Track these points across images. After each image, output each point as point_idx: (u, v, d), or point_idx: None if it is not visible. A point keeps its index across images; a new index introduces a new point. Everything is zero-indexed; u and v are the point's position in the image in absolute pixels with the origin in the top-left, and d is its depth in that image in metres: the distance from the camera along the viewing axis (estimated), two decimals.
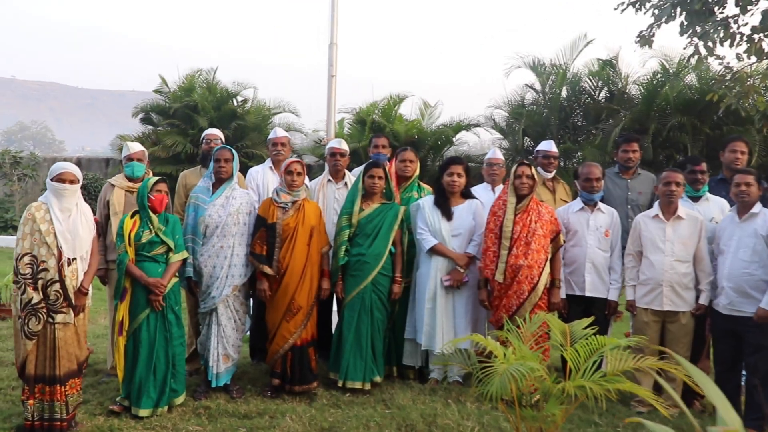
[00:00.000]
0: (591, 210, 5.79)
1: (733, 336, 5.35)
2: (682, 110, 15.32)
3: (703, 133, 15.26)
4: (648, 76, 16.07)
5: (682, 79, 15.79)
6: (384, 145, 6.75)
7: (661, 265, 5.48)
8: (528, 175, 5.58)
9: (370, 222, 5.72)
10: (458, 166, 5.81)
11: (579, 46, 16.37)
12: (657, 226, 5.56)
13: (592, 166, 5.80)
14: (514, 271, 5.50)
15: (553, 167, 6.65)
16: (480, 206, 5.90)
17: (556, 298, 5.66)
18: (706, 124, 15.11)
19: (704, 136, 15.30)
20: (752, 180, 5.30)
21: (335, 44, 8.82)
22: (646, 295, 5.56)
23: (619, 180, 6.41)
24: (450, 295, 5.76)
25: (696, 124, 15.07)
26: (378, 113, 16.98)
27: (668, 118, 15.38)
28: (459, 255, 5.75)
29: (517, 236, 5.54)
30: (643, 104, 15.70)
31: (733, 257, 5.32)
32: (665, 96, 15.64)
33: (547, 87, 16.62)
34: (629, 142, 6.44)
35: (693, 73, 15.77)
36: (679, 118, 15.22)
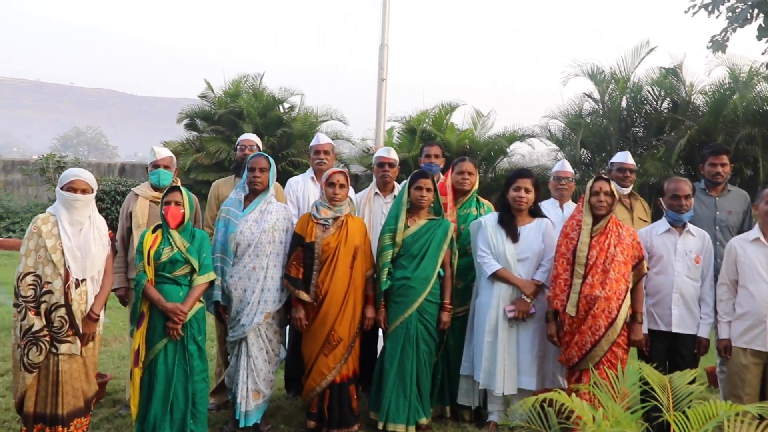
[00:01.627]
0: (679, 232, 4.99)
1: None
2: (752, 121, 14.38)
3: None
4: (714, 85, 15.15)
5: (753, 88, 14.84)
6: (437, 154, 6.06)
7: (764, 297, 4.67)
8: (607, 192, 4.82)
9: (416, 241, 5.03)
10: (526, 179, 5.07)
11: (641, 53, 15.49)
12: (758, 251, 4.75)
13: (681, 182, 5.01)
14: (589, 302, 4.73)
15: (630, 181, 5.86)
16: (550, 226, 5.15)
17: (638, 335, 4.88)
18: None
19: None
20: None
21: (386, 46, 8.19)
22: (745, 332, 4.75)
23: (706, 197, 5.61)
24: (513, 328, 5.02)
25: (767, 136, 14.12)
26: (429, 122, 16.33)
27: (737, 129, 14.46)
28: (525, 282, 5.00)
29: (593, 262, 4.77)
30: (710, 115, 14.79)
31: None
32: (734, 106, 14.73)
33: (607, 96, 15.78)
34: (717, 155, 5.65)
35: (765, 82, 14.83)
36: (749, 130, 14.29)
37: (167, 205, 4.55)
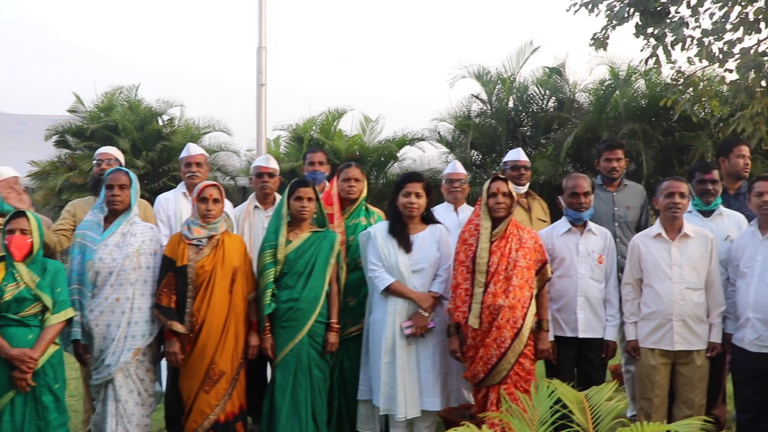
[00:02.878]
0: (580, 232, 4.73)
1: (763, 377, 4.37)
2: (634, 117, 14.67)
3: (656, 139, 14.64)
4: (597, 83, 15.40)
5: (632, 86, 15.16)
6: (321, 161, 5.63)
7: (669, 295, 4.46)
8: (505, 193, 4.49)
9: (300, 256, 4.55)
10: (416, 184, 4.66)
11: (525, 53, 15.57)
12: (661, 247, 4.54)
13: (579, 178, 4.75)
14: (493, 313, 4.38)
15: (526, 179, 5.58)
16: (445, 233, 4.78)
17: (545, 344, 4.57)
18: (657, 130, 14.49)
19: (657, 143, 14.69)
20: None
21: (264, 49, 7.69)
22: (652, 332, 4.53)
23: (604, 193, 5.40)
24: (412, 346, 4.60)
25: (648, 131, 14.41)
26: (316, 129, 15.85)
27: (620, 125, 14.70)
28: (422, 295, 4.59)
29: (495, 269, 4.43)
30: (594, 112, 15.00)
31: (759, 282, 4.36)
32: (615, 103, 15.00)
33: (494, 97, 15.78)
34: (612, 149, 5.46)
35: (643, 79, 15.17)
36: (631, 126, 14.56)
37: (10, 234, 3.94)
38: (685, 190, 4.50)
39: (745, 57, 9.96)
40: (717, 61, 10.24)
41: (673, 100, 11.08)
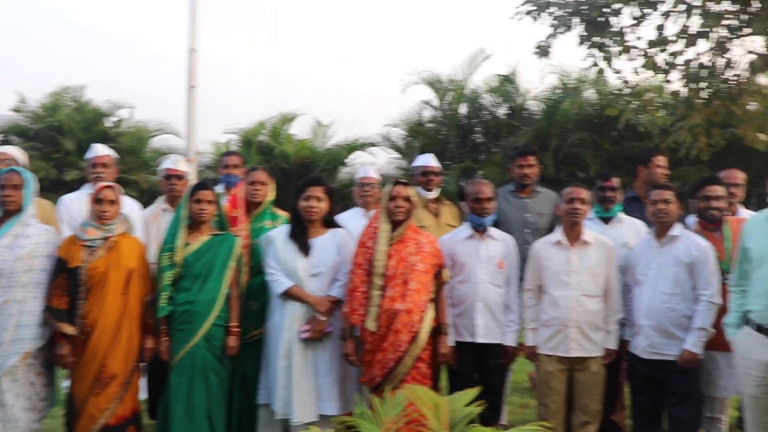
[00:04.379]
0: (481, 237, 4.75)
1: (654, 383, 4.42)
2: (582, 126, 14.84)
3: (604, 149, 14.82)
4: (547, 91, 15.54)
5: (581, 95, 15.32)
6: (236, 164, 5.60)
7: (567, 302, 4.49)
8: (404, 197, 4.49)
9: (198, 259, 4.51)
10: (317, 187, 4.64)
11: (477, 61, 15.68)
12: (560, 254, 4.57)
13: (482, 184, 4.77)
14: (390, 317, 4.37)
15: (434, 185, 5.58)
16: (346, 237, 4.76)
17: (444, 348, 4.57)
18: (606, 140, 14.66)
19: (604, 152, 14.86)
20: (671, 196, 4.40)
21: (195, 50, 7.63)
22: (550, 339, 4.56)
23: (516, 199, 5.43)
24: (310, 350, 4.56)
25: (596, 140, 14.58)
26: (266, 133, 15.80)
27: (569, 134, 14.85)
28: (319, 299, 4.56)
29: (393, 273, 4.42)
30: (543, 120, 15.16)
31: (653, 289, 4.41)
32: (565, 112, 15.15)
33: (445, 104, 15.84)
34: (525, 155, 5.49)
35: (592, 89, 15.34)
36: (580, 134, 14.72)
37: None
38: (585, 197, 4.53)
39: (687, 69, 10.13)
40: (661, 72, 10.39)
41: (619, 109, 11.22)
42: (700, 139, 10.53)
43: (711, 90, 10.38)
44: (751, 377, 3.94)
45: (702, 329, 4.27)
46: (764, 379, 3.88)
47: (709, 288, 4.29)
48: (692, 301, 4.34)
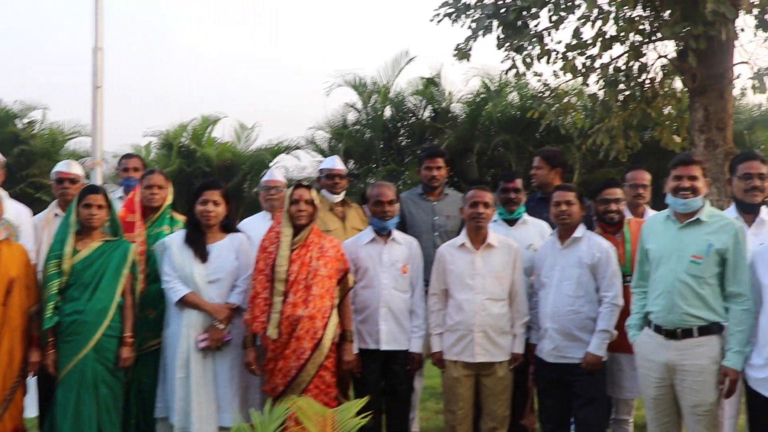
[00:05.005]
0: (384, 241, 4.64)
1: (561, 387, 4.40)
2: (506, 128, 14.95)
3: (527, 151, 14.95)
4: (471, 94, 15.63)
5: (505, 97, 15.45)
6: (136, 167, 5.40)
7: (471, 306, 4.42)
8: (307, 200, 4.36)
9: (88, 267, 4.29)
10: (214, 191, 4.48)
11: (401, 63, 15.68)
12: (464, 257, 4.50)
13: (383, 186, 4.67)
14: (292, 323, 4.23)
15: (341, 188, 5.46)
16: (246, 242, 4.60)
17: (349, 356, 4.45)
18: (529, 142, 14.80)
19: (528, 154, 14.99)
20: (573, 198, 4.37)
21: (100, 49, 7.33)
22: (455, 344, 4.48)
23: (424, 202, 5.36)
24: (209, 360, 4.39)
25: (520, 142, 14.71)
26: (187, 136, 15.45)
27: (492, 136, 14.96)
28: (217, 307, 4.39)
29: (294, 278, 4.29)
30: (467, 123, 15.23)
31: (557, 292, 4.38)
32: (488, 114, 15.24)
33: (369, 106, 15.78)
34: (433, 157, 5.43)
35: (515, 91, 15.49)
36: (503, 137, 14.83)
37: None
38: (488, 200, 4.47)
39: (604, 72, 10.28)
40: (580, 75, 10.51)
41: (540, 112, 11.32)
42: (618, 141, 10.70)
43: (627, 93, 10.59)
44: (650, 378, 3.96)
45: (605, 331, 4.26)
46: (663, 380, 3.90)
47: (612, 289, 4.29)
48: (596, 303, 4.33)
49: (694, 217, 3.85)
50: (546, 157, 5.42)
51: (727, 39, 8.43)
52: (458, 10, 10.55)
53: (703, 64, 8.79)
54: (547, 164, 5.37)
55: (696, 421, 3.82)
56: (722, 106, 9.27)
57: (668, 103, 10.98)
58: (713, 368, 3.78)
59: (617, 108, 10.40)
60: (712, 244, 3.78)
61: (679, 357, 3.82)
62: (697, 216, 3.85)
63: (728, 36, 8.28)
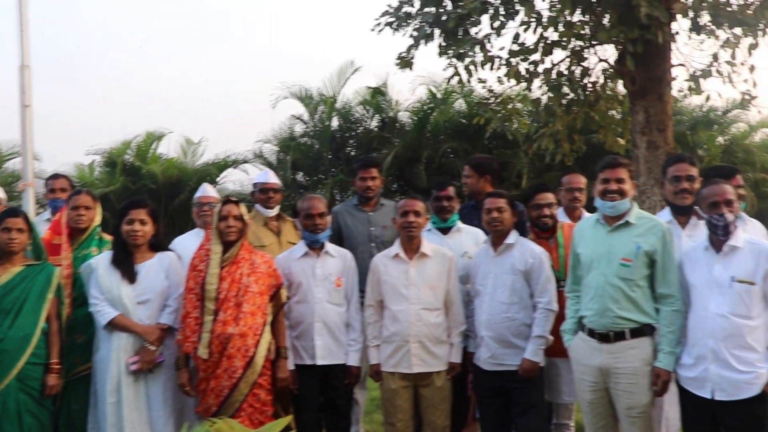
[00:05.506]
0: (317, 254, 4.58)
1: (500, 394, 4.37)
2: (453, 136, 15.03)
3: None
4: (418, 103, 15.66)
5: (451, 105, 15.51)
6: (63, 187, 5.26)
7: (406, 317, 4.38)
8: (236, 216, 4.29)
9: (9, 293, 4.15)
10: (140, 210, 4.37)
11: (346, 73, 15.64)
12: (398, 267, 4.46)
13: (314, 199, 4.60)
14: (223, 342, 4.14)
15: (275, 202, 5.36)
16: (176, 261, 4.50)
17: (283, 372, 4.36)
18: (477, 148, 14.86)
19: None
20: (504, 204, 4.36)
21: (27, 67, 7.15)
22: (391, 355, 4.43)
23: (359, 213, 5.31)
24: (141, 383, 4.28)
25: (467, 149, 14.76)
26: (131, 153, 15.20)
27: (440, 144, 15.01)
28: (148, 328, 4.28)
29: (225, 296, 4.21)
30: (415, 131, 15.27)
31: (491, 299, 4.36)
32: (436, 122, 15.29)
33: (317, 118, 15.71)
34: (367, 168, 5.37)
35: (461, 98, 15.55)
36: (451, 144, 14.89)
37: None
38: (420, 209, 4.43)
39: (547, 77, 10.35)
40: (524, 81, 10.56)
41: (486, 118, 11.36)
42: (563, 145, 10.81)
43: (570, 97, 10.68)
44: (585, 382, 3.96)
45: (540, 337, 4.25)
46: (597, 383, 3.90)
47: (545, 295, 4.28)
48: (531, 309, 4.31)
49: (623, 219, 3.87)
50: (474, 166, 5.40)
51: (663, 42, 8.56)
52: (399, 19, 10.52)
53: (642, 68, 8.90)
54: (476, 172, 5.34)
55: (631, 423, 3.84)
56: (662, 108, 9.37)
57: (611, 107, 11.10)
58: (646, 370, 3.80)
59: (561, 112, 10.48)
60: (641, 246, 3.80)
61: (612, 360, 3.83)
62: (626, 218, 3.87)
63: (665, 39, 8.40)
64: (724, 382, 3.60)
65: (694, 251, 3.85)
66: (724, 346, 3.60)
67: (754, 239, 3.80)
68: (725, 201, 3.67)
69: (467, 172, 5.37)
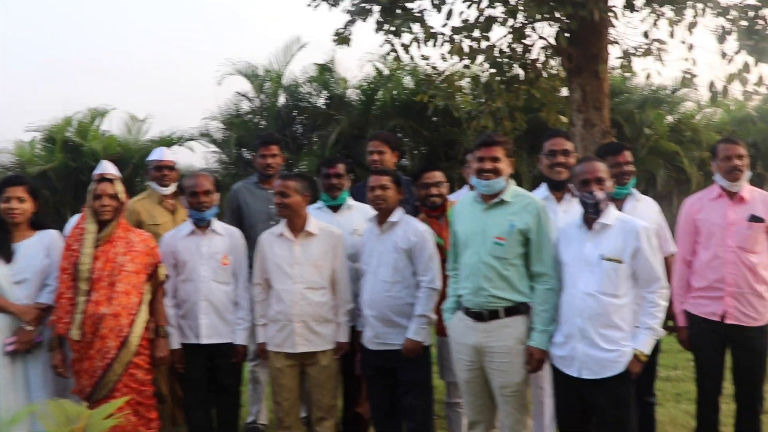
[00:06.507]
0: (203, 232, 4.50)
1: (386, 374, 4.35)
2: (400, 113, 14.92)
3: (422, 135, 14.97)
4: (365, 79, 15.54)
5: (398, 82, 15.40)
6: None
7: (290, 296, 4.32)
8: (110, 195, 4.20)
9: None
10: (17, 187, 4.24)
11: (292, 50, 15.46)
12: (284, 245, 4.40)
13: (199, 177, 4.51)
14: (95, 322, 4.06)
15: (170, 180, 5.27)
16: (58, 239, 4.39)
17: (162, 351, 4.30)
18: (423, 126, 14.81)
19: (423, 138, 15.02)
20: (388, 182, 4.31)
21: None
22: (276, 334, 4.38)
23: (260, 191, 5.24)
24: (18, 364, 4.17)
25: (414, 127, 14.71)
26: (72, 130, 14.92)
27: (387, 121, 14.91)
28: (24, 308, 4.17)
29: (99, 276, 4.12)
30: (361, 108, 15.16)
31: (374, 278, 4.32)
32: (383, 99, 15.18)
33: (263, 94, 15.52)
34: (267, 145, 5.30)
35: (409, 76, 15.45)
36: (397, 121, 14.80)
37: None
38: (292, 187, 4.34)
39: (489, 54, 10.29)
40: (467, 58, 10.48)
41: (429, 95, 11.29)
42: (504, 123, 10.76)
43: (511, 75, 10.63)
44: (462, 361, 3.94)
45: (423, 316, 4.21)
46: (473, 362, 3.88)
47: (428, 273, 4.24)
48: (414, 288, 4.28)
49: (498, 198, 3.83)
50: (386, 140, 5.32)
51: (600, 20, 8.50)
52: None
53: (578, 45, 8.88)
54: (389, 147, 5.27)
55: (505, 401, 3.83)
56: (598, 86, 9.37)
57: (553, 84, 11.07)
58: (519, 348, 3.79)
59: (501, 90, 10.44)
60: (515, 224, 3.77)
61: (486, 339, 3.80)
62: (501, 197, 3.83)
63: (601, 17, 8.35)
64: (590, 361, 3.61)
65: (569, 228, 3.84)
66: (590, 325, 3.61)
67: (626, 217, 3.79)
68: (596, 179, 3.65)
69: (380, 147, 5.26)
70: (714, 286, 4.26)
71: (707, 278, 4.30)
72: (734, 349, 4.34)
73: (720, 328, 4.26)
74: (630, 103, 16.52)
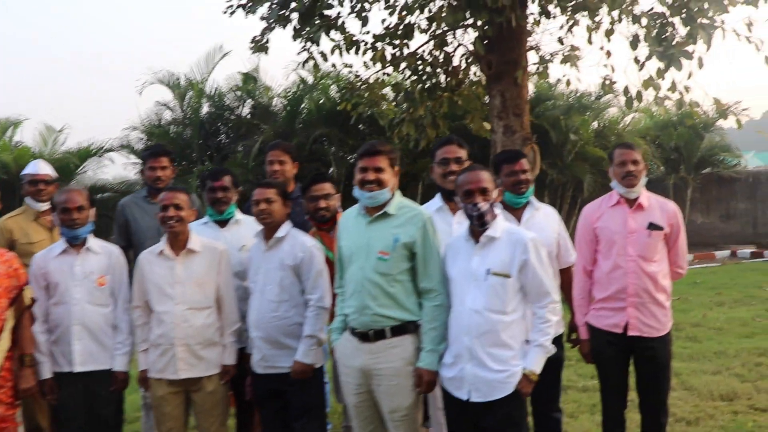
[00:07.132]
0: (77, 251, 4.18)
1: (277, 397, 4.11)
2: (325, 122, 14.71)
3: (348, 144, 14.80)
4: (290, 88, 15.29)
5: (324, 91, 15.19)
6: None
7: (172, 318, 4.04)
8: None
9: None
10: None
11: (215, 58, 15.10)
12: (164, 265, 4.11)
13: (71, 192, 4.15)
14: None
15: (47, 195, 4.93)
16: None
17: (27, 383, 3.96)
18: (349, 135, 14.63)
19: (348, 147, 14.85)
20: (274, 195, 4.08)
21: None
22: (157, 360, 4.09)
23: (149, 206, 4.94)
24: None
25: (339, 136, 14.52)
26: None
27: (312, 130, 14.68)
28: None
29: None
30: (286, 117, 14.90)
31: (261, 297, 4.08)
32: (308, 108, 14.95)
33: (186, 104, 15.12)
34: (156, 157, 5.01)
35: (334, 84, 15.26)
36: (323, 130, 14.58)
37: None
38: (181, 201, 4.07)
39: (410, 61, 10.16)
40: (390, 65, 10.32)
41: (353, 103, 11.10)
42: (428, 130, 10.62)
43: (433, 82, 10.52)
44: (350, 385, 3.73)
45: (311, 337, 3.98)
46: (361, 386, 3.68)
47: (316, 291, 4.02)
48: (303, 307, 4.05)
49: (382, 210, 3.63)
50: (288, 150, 5.09)
51: (517, 26, 8.41)
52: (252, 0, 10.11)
53: (497, 52, 8.80)
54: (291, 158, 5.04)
55: (395, 427, 3.62)
56: (518, 93, 9.28)
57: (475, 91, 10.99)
58: (408, 370, 3.59)
59: (423, 98, 10.31)
60: (399, 237, 3.58)
61: (373, 360, 3.60)
62: (385, 209, 3.63)
63: (518, 23, 8.27)
64: (479, 382, 3.44)
65: (457, 242, 3.66)
66: (479, 344, 3.43)
67: (513, 228, 3.63)
68: (480, 189, 3.48)
69: (280, 157, 5.01)
70: (616, 297, 4.15)
71: (609, 289, 4.18)
72: (638, 361, 4.24)
73: (623, 340, 4.15)
74: (556, 109, 16.62)
